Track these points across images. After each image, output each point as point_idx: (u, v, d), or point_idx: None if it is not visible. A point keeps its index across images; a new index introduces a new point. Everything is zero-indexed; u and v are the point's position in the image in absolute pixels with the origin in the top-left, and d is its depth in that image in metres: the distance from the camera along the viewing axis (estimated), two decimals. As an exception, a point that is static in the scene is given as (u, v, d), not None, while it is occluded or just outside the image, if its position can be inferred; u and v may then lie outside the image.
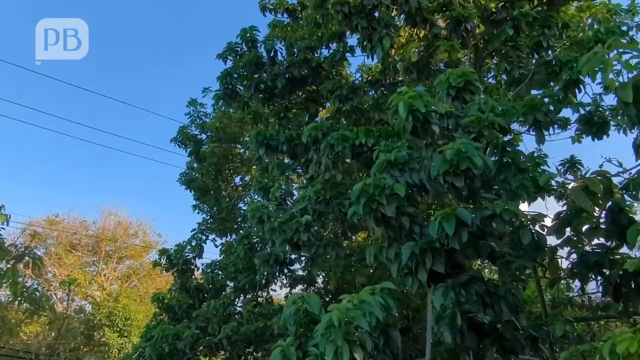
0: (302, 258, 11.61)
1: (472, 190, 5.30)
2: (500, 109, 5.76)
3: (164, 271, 12.66)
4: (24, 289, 11.85)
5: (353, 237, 11.99)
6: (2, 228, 12.45)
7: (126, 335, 25.06)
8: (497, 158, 5.79)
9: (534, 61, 8.81)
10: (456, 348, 5.60)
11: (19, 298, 11.93)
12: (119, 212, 35.45)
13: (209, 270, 12.74)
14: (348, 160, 8.05)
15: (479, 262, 12.12)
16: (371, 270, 11.56)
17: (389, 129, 8.47)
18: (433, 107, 5.49)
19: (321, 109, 11.52)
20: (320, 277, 13.21)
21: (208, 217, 14.33)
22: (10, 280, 11.49)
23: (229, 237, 14.51)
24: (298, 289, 13.13)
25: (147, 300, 31.32)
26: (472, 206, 5.79)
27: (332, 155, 7.64)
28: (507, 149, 5.78)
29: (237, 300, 12.26)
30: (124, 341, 24.74)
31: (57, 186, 57.74)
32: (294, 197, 10.26)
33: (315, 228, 8.25)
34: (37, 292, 12.14)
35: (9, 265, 12.59)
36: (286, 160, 10.85)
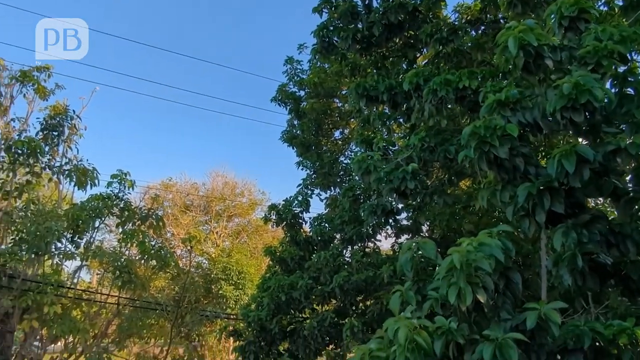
0: (408, 207, 11.62)
1: (592, 125, 5.01)
2: (619, 35, 5.33)
3: (273, 225, 13.18)
4: (151, 248, 12.87)
5: (459, 184, 11.80)
6: (128, 193, 13.57)
7: (241, 288, 26.54)
8: (617, 89, 5.40)
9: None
10: (573, 291, 5.44)
11: (146, 256, 12.98)
12: (225, 173, 37.22)
13: (316, 224, 13.11)
14: (449, 106, 7.86)
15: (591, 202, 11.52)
16: (478, 217, 11.37)
17: (492, 69, 8.14)
18: (545, 40, 5.20)
19: (419, 55, 11.24)
20: (425, 226, 13.16)
21: (311, 172, 14.62)
22: (140, 240, 12.53)
23: (333, 190, 14.76)
24: (403, 238, 13.20)
25: (257, 255, 32.91)
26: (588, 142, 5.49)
27: (435, 101, 7.49)
28: (629, 79, 5.37)
29: (345, 251, 12.56)
30: (239, 293, 26.24)
31: (168, 151, 61.66)
32: (395, 147, 10.22)
33: (420, 176, 8.19)
34: (162, 250, 13.16)
35: (134, 227, 13.71)
36: (386, 110, 10.77)
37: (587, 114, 4.68)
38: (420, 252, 4.92)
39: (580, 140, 5.99)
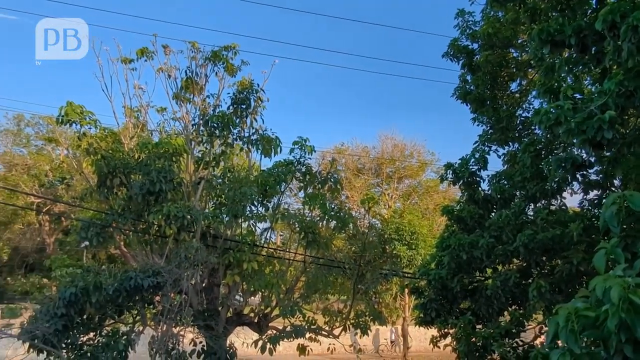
0: (602, 160, 10.73)
1: None
2: None
3: (452, 185, 13.03)
4: (331, 210, 13.53)
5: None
6: (309, 158, 14.33)
7: (414, 248, 26.88)
8: None
9: None
10: None
11: (327, 217, 13.67)
12: (394, 136, 37.52)
13: (495, 181, 12.68)
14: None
15: None
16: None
17: None
18: None
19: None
20: (616, 180, 12.06)
21: (488, 128, 14.00)
22: (321, 202, 13.25)
23: (511, 146, 14.04)
24: (592, 194, 12.26)
25: (428, 216, 32.89)
26: None
27: (635, 39, 6.71)
28: None
29: (527, 208, 12.00)
30: (413, 253, 26.61)
31: (337, 117, 63.89)
32: (582, 96, 9.40)
33: (617, 125, 7.45)
34: (341, 212, 13.77)
35: (314, 191, 14.49)
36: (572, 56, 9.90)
37: None
38: (626, 206, 4.54)
39: None
